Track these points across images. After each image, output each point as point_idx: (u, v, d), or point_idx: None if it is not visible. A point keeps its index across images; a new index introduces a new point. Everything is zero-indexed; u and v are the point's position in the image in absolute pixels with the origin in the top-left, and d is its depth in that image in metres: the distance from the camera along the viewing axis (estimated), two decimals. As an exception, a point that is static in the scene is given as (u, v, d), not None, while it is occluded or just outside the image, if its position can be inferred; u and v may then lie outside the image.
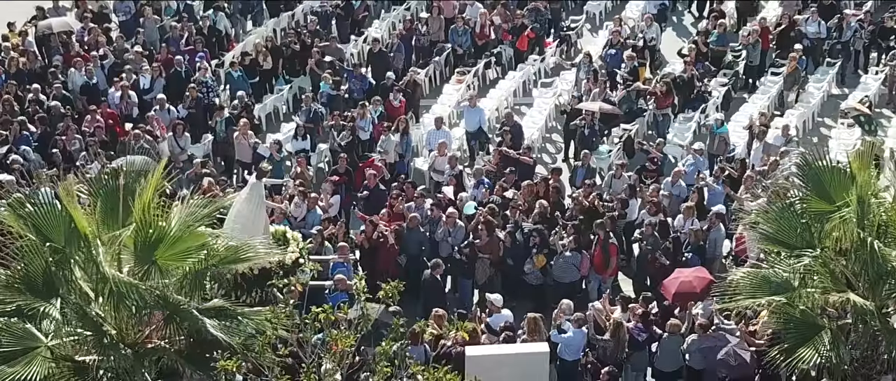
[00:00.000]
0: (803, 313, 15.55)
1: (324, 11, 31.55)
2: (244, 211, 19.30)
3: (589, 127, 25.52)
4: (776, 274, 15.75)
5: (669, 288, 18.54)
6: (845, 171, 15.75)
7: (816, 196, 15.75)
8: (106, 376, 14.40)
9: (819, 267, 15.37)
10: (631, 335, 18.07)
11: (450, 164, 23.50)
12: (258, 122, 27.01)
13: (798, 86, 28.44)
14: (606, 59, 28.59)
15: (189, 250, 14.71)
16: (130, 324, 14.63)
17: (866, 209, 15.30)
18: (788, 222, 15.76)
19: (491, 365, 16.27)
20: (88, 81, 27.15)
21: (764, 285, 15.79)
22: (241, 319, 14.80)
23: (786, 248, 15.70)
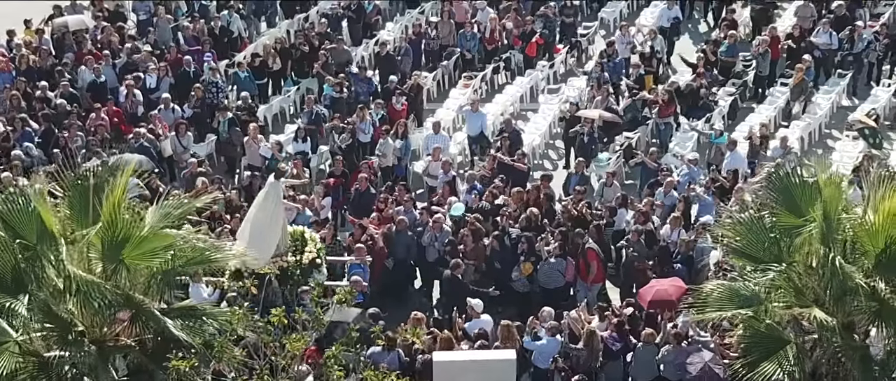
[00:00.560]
0: (769, 328, 15.48)
1: (334, 14, 31.74)
2: (262, 210, 19.54)
3: (588, 134, 25.52)
4: (745, 287, 15.71)
5: (645, 296, 18.58)
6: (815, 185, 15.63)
7: (787, 210, 15.66)
8: (70, 372, 14.65)
9: (783, 282, 15.27)
10: (605, 345, 18.08)
11: (443, 169, 23.59)
12: (263, 123, 27.16)
13: (805, 97, 28.23)
14: (608, 68, 28.46)
15: (155, 250, 14.92)
16: (95, 321, 14.88)
17: (833, 225, 15.17)
18: (757, 236, 15.67)
19: (458, 371, 16.37)
20: (96, 79, 27.47)
21: (733, 297, 15.70)
22: (206, 319, 15.05)
23: (753, 261, 15.63)
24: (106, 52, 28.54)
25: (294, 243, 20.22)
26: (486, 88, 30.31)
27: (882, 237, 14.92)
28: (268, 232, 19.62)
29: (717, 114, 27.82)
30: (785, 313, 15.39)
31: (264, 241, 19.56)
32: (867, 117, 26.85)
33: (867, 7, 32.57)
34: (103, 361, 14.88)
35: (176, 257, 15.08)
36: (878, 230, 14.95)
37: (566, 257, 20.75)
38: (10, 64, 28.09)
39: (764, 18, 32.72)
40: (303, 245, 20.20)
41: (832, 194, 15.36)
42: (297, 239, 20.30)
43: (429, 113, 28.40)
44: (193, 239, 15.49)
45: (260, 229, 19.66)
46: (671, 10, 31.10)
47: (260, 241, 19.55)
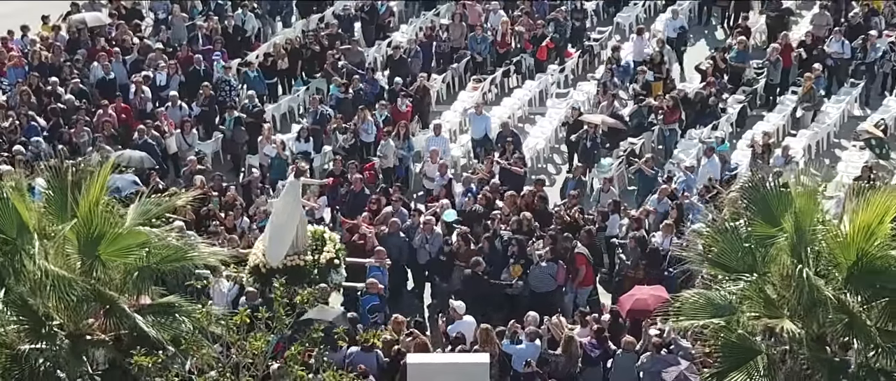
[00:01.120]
0: (740, 337, 15.43)
1: (346, 14, 31.91)
2: (281, 209, 19.76)
3: (591, 139, 25.51)
4: (719, 296, 15.67)
5: (625, 304, 18.59)
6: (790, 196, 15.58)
7: (762, 220, 15.61)
8: (44, 365, 14.88)
9: (754, 292, 15.21)
10: (584, 351, 18.08)
11: (440, 171, 23.68)
12: (268, 122, 27.34)
13: (813, 105, 28.04)
14: (618, 73, 28.42)
15: (130, 247, 15.16)
16: (68, 315, 15.13)
17: (805, 236, 15.10)
18: (731, 245, 15.63)
19: (432, 373, 16.44)
20: (105, 76, 27.80)
21: (707, 306, 15.67)
22: (178, 316, 15.24)
23: (726, 270, 15.59)
24: (116, 50, 28.85)
25: (314, 242, 20.39)
26: (496, 91, 30.36)
27: (854, 250, 14.83)
28: (284, 230, 19.82)
29: (725, 121, 27.70)
30: (754, 323, 15.34)
31: (280, 239, 19.77)
32: (876, 128, 26.65)
33: (884, 16, 32.28)
34: (76, 355, 15.14)
35: (151, 254, 15.32)
36: (850, 243, 14.87)
37: (557, 261, 20.75)
38: (22, 59, 28.46)
39: (780, 25, 32.50)
40: (321, 245, 20.37)
41: (805, 205, 15.30)
42: (318, 239, 20.47)
43: (436, 115, 28.50)
44: (168, 237, 15.77)
45: (277, 227, 19.88)
46: (676, 21, 30.93)
47: (276, 239, 19.77)
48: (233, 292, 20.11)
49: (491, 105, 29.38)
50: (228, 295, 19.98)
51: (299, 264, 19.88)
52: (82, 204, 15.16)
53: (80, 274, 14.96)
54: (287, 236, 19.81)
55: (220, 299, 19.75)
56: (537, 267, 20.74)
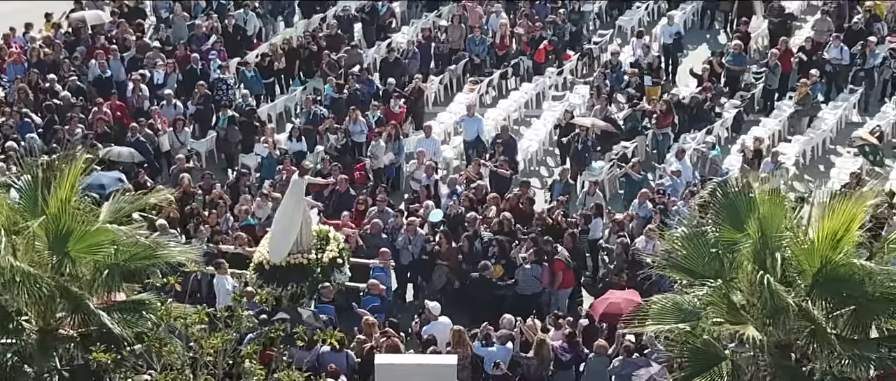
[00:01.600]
0: (705, 343, 15.41)
1: (346, 15, 32.00)
2: (285, 207, 19.89)
3: (582, 142, 25.51)
4: (686, 301, 15.66)
5: (598, 309, 18.60)
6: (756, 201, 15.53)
7: (729, 225, 15.57)
8: (11, 359, 15.03)
9: (717, 298, 15.18)
10: (555, 355, 18.09)
11: (426, 173, 23.72)
12: (258, 123, 27.44)
13: (808, 111, 27.90)
14: (611, 78, 28.35)
15: (99, 244, 15.28)
16: (37, 311, 15.27)
17: (769, 242, 15.06)
18: (697, 250, 15.60)
19: (400, 374, 16.48)
20: (101, 73, 28.00)
21: (673, 311, 15.68)
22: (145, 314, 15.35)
23: (691, 275, 15.57)
24: (114, 47, 29.03)
25: (319, 241, 20.48)
26: (494, 93, 30.38)
27: (818, 257, 14.80)
28: (287, 228, 19.92)
29: (720, 126, 27.63)
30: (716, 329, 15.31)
31: (283, 237, 19.87)
32: (870, 135, 26.52)
33: (887, 22, 32.10)
34: (44, 350, 15.28)
35: (119, 252, 15.44)
36: (814, 250, 14.83)
37: (541, 263, 20.77)
38: (22, 56, 28.71)
39: (782, 31, 32.36)
40: (326, 244, 20.47)
41: (771, 211, 15.24)
42: (323, 238, 20.57)
43: (431, 117, 28.54)
44: (137, 235, 15.89)
45: (280, 225, 20.01)
46: (671, 27, 30.78)
47: (279, 236, 19.88)
48: (237, 289, 20.16)
49: (488, 107, 29.44)
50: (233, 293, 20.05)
51: (302, 263, 19.97)
52: (52, 201, 15.29)
53: (50, 271, 15.09)
54: (291, 234, 19.89)
55: (224, 297, 19.88)
56: (522, 269, 20.76)
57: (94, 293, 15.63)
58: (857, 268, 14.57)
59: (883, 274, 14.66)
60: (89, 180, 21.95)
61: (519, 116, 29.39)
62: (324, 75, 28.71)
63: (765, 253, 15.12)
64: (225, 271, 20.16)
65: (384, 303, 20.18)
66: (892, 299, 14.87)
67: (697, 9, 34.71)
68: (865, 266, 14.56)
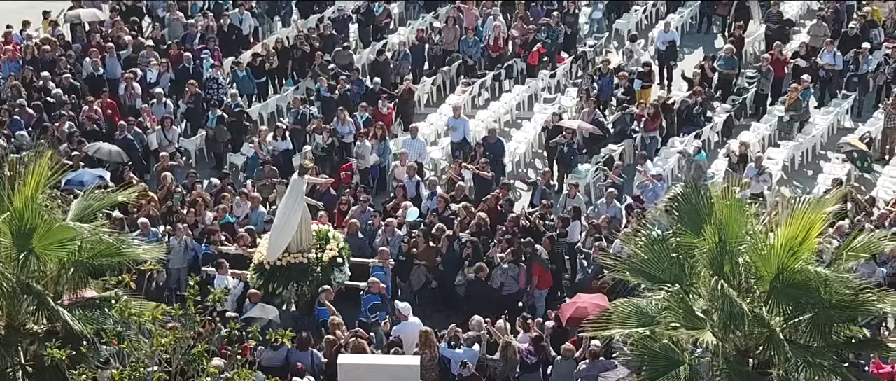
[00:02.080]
0: (664, 347, 15.42)
1: (341, 16, 32.10)
2: (285, 206, 20.03)
3: (568, 145, 25.52)
4: (647, 306, 15.67)
5: (565, 312, 18.59)
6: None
7: (690, 231, 15.58)
8: (-26, 354, 15.19)
9: (675, 303, 15.18)
10: (522, 357, 18.13)
11: (408, 174, 23.79)
12: (248, 122, 27.58)
13: (799, 116, 27.81)
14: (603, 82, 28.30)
15: (63, 241, 15.42)
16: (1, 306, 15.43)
17: (726, 248, 15.07)
18: (657, 255, 15.61)
19: (362, 374, 16.57)
20: (94, 72, 28.19)
21: (634, 315, 15.70)
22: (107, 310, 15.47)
23: (650, 280, 15.58)
24: (110, 45, 29.23)
25: (319, 241, 20.58)
26: (487, 95, 30.42)
27: (774, 263, 14.79)
28: (285, 227, 20.03)
29: (709, 130, 27.59)
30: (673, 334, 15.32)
31: (280, 235, 19.99)
32: (860, 141, 26.40)
33: (886, 28, 31.96)
34: (9, 346, 15.44)
35: (83, 249, 15.58)
36: (770, 256, 14.82)
37: (518, 263, 20.81)
38: (16, 53, 28.94)
39: (780, 37, 32.26)
40: (325, 244, 20.57)
41: (731, 217, 15.23)
42: (323, 238, 20.67)
43: (422, 118, 28.61)
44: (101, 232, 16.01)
45: (279, 224, 20.13)
46: (667, 34, 30.68)
47: (276, 235, 20.00)
48: (238, 289, 20.32)
49: (479, 109, 29.49)
50: (234, 293, 20.17)
51: (302, 262, 20.08)
52: (17, 197, 15.44)
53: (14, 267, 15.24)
54: (288, 232, 20.01)
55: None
56: (499, 269, 20.79)
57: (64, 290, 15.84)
58: (812, 275, 14.55)
59: (838, 281, 14.66)
60: (70, 177, 22.40)
61: (510, 119, 29.42)
62: (314, 76, 28.77)
63: (722, 259, 15.16)
64: (225, 272, 20.27)
65: (384, 301, 20.23)
66: (848, 307, 14.90)
67: (696, 14, 34.65)
68: (821, 273, 14.55)
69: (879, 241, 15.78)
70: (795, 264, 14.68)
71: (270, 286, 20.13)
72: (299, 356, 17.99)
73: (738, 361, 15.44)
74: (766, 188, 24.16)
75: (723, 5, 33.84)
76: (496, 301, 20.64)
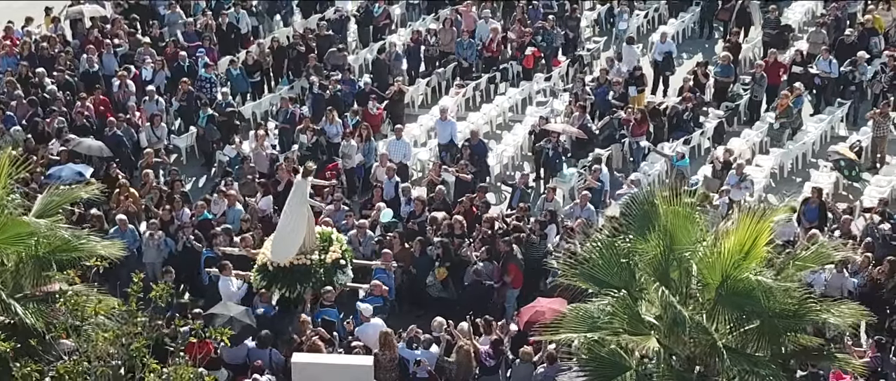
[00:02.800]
0: (611, 352, 15.47)
1: (338, 17, 32.28)
2: (289, 209, 20.21)
3: (553, 148, 25.56)
4: (596, 311, 15.71)
5: (523, 316, 18.64)
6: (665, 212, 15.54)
7: (640, 237, 15.62)
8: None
9: (620, 309, 15.22)
10: (480, 360, 18.21)
11: (387, 174, 23.90)
12: (239, 121, 27.79)
13: (790, 123, 27.68)
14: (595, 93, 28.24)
15: (19, 236, 15.72)
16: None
17: (670, 255, 15.10)
18: (607, 260, 15.66)
19: (315, 373, 16.71)
20: (89, 68, 28.51)
21: (585, 320, 15.74)
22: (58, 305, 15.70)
23: (598, 285, 15.63)
24: (107, 42, 29.53)
25: (322, 243, 20.75)
26: (481, 97, 30.49)
27: (719, 272, 14.81)
28: (292, 230, 20.21)
29: (699, 136, 27.53)
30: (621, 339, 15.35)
31: (287, 237, 20.17)
32: (849, 150, 26.26)
33: (889, 36, 31.76)
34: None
35: (39, 244, 15.84)
36: (714, 264, 14.84)
37: (493, 262, 20.88)
38: (14, 49, 29.31)
39: (779, 43, 32.17)
40: (328, 245, 20.74)
41: (679, 224, 15.25)
42: (326, 240, 20.85)
43: (414, 119, 28.73)
44: (58, 228, 16.27)
45: (284, 226, 20.31)
46: (664, 45, 30.53)
47: (283, 238, 20.18)
48: (242, 290, 20.52)
49: (472, 111, 29.56)
50: (238, 294, 20.41)
51: (305, 264, 20.24)
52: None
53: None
54: (296, 235, 20.16)
55: (228, 298, 20.24)
56: (473, 268, 20.86)
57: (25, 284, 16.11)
58: (753, 284, 14.55)
59: (780, 290, 14.67)
60: (51, 172, 22.73)
61: (503, 121, 29.48)
62: (308, 76, 28.95)
63: (667, 265, 15.19)
64: (229, 273, 20.45)
65: (386, 304, 20.35)
66: (792, 316, 14.89)
67: (697, 19, 34.57)
68: (762, 282, 14.55)
69: (830, 251, 15.73)
70: (739, 272, 14.69)
71: (273, 287, 20.27)
72: (258, 354, 18.17)
73: (685, 368, 15.50)
74: (747, 195, 24.07)
75: (724, 11, 33.78)
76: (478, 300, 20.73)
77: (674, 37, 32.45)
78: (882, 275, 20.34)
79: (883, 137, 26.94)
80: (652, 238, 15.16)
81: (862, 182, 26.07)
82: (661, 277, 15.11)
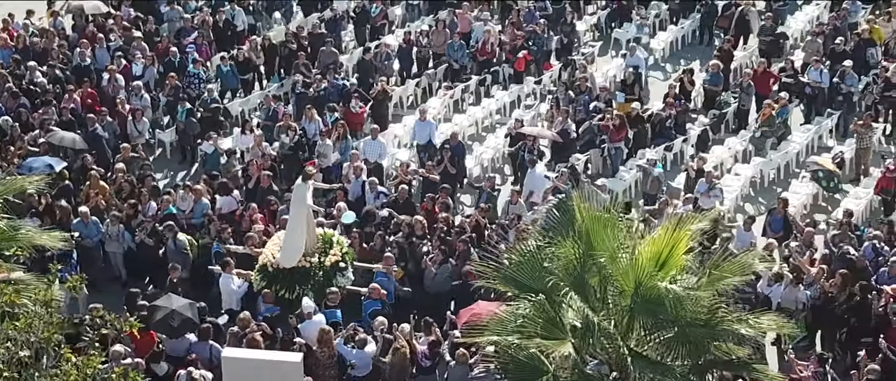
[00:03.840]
0: (530, 356, 15.50)
1: (333, 16, 32.50)
2: (292, 212, 20.54)
3: (528, 151, 25.59)
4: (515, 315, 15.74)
5: (462, 317, 18.68)
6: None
7: (559, 242, 15.62)
8: None
9: (537, 313, 15.25)
10: (417, 361, 18.31)
11: (355, 173, 24.06)
12: (224, 117, 28.08)
13: (773, 132, 27.48)
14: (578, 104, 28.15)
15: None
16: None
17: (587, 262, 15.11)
18: (528, 264, 15.69)
19: (244, 369, 16.89)
20: (81, 62, 28.94)
21: (506, 324, 15.79)
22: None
23: (518, 288, 15.67)
24: (100, 36, 29.96)
25: (323, 245, 21.00)
26: (471, 99, 30.55)
27: (632, 279, 14.79)
28: (295, 233, 20.48)
29: (681, 143, 27.43)
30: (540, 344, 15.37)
31: (292, 242, 20.45)
32: (830, 161, 26.04)
33: (889, 48, 31.39)
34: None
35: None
36: (629, 272, 14.82)
37: (448, 262, 20.96)
38: (9, 42, 29.81)
39: (774, 51, 31.96)
40: (329, 248, 20.98)
41: (594, 229, 15.23)
42: (327, 242, 21.09)
43: (399, 119, 28.86)
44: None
45: (289, 231, 20.60)
46: (632, 58, 30.13)
47: (289, 242, 20.47)
48: (242, 289, 20.78)
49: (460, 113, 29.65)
50: (238, 292, 20.68)
51: (305, 266, 20.48)
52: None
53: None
54: (299, 238, 20.44)
55: (228, 296, 20.56)
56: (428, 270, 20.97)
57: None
58: (663, 291, 14.52)
59: (690, 300, 14.61)
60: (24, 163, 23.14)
61: (490, 123, 29.52)
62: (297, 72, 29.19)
63: (583, 271, 15.19)
64: (231, 271, 20.70)
65: (385, 307, 20.47)
66: (704, 326, 14.83)
67: (697, 25, 34.41)
68: (671, 290, 14.50)
69: (751, 261, 15.66)
70: (651, 280, 14.67)
71: (273, 287, 20.47)
72: (198, 348, 18.40)
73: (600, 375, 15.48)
74: (717, 203, 23.95)
75: (724, 18, 33.59)
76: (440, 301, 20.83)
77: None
78: (834, 288, 20.16)
79: (866, 149, 26.68)
80: (568, 243, 15.14)
81: (841, 194, 25.82)
82: (576, 282, 15.12)
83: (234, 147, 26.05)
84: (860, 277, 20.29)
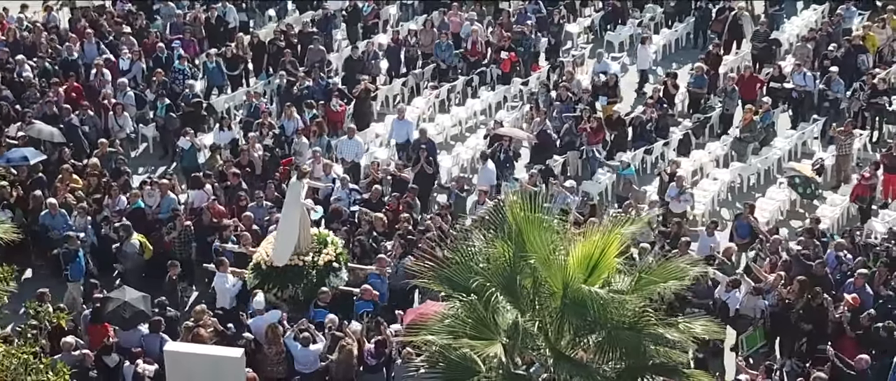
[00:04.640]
0: (461, 356, 15.51)
1: (324, 14, 32.62)
2: (285, 210, 20.69)
3: (504, 152, 25.58)
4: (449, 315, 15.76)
5: (408, 316, 18.71)
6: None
7: (493, 242, 15.64)
8: None
9: (465, 313, 15.26)
10: (364, 359, 18.38)
11: (324, 171, 24.15)
12: (207, 113, 28.27)
13: (754, 137, 27.32)
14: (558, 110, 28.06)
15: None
16: None
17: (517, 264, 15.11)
18: (462, 264, 15.70)
19: (188, 363, 16.98)
20: (68, 56, 29.21)
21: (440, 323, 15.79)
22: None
23: (452, 288, 15.69)
24: (89, 31, 30.21)
25: (318, 245, 21.14)
26: (458, 99, 30.58)
27: (561, 281, 14.77)
28: (288, 232, 20.63)
29: (661, 146, 27.33)
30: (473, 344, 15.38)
31: (285, 240, 20.60)
32: (809, 167, 25.87)
33: (882, 55, 31.17)
34: None
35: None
36: (557, 274, 14.80)
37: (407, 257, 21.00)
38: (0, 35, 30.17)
39: (766, 56, 31.79)
40: (323, 247, 21.12)
41: (527, 230, 15.21)
42: (322, 241, 21.24)
43: (382, 118, 28.92)
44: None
45: (283, 229, 20.75)
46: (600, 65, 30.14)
47: (282, 240, 20.62)
48: (236, 287, 20.88)
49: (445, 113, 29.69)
50: (231, 290, 20.78)
51: (298, 265, 20.60)
52: None
53: None
54: (291, 237, 20.55)
55: (223, 293, 20.70)
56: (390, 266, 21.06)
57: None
58: (585, 293, 14.49)
59: (615, 303, 14.58)
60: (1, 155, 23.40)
61: (474, 124, 29.53)
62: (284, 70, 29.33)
63: (513, 272, 15.19)
64: (225, 269, 20.82)
65: (377, 308, 20.55)
66: (631, 329, 14.80)
67: (690, 29, 34.30)
68: (595, 293, 14.46)
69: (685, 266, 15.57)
70: (576, 283, 14.64)
71: (266, 286, 20.60)
72: (149, 340, 18.54)
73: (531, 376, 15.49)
74: (688, 208, 23.86)
75: (718, 22, 33.47)
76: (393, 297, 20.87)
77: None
78: (791, 295, 20.04)
79: (846, 156, 26.49)
80: (499, 244, 15.15)
81: (820, 200, 25.64)
82: (506, 283, 15.12)
83: (216, 143, 26.13)
84: (819, 284, 20.14)
